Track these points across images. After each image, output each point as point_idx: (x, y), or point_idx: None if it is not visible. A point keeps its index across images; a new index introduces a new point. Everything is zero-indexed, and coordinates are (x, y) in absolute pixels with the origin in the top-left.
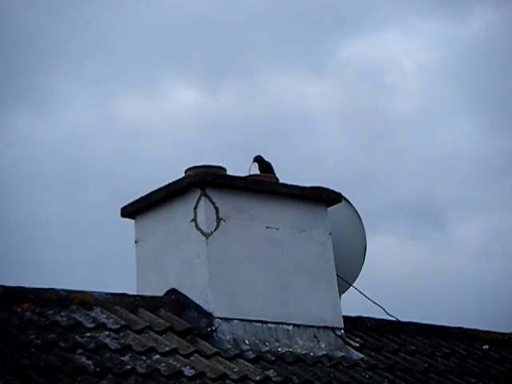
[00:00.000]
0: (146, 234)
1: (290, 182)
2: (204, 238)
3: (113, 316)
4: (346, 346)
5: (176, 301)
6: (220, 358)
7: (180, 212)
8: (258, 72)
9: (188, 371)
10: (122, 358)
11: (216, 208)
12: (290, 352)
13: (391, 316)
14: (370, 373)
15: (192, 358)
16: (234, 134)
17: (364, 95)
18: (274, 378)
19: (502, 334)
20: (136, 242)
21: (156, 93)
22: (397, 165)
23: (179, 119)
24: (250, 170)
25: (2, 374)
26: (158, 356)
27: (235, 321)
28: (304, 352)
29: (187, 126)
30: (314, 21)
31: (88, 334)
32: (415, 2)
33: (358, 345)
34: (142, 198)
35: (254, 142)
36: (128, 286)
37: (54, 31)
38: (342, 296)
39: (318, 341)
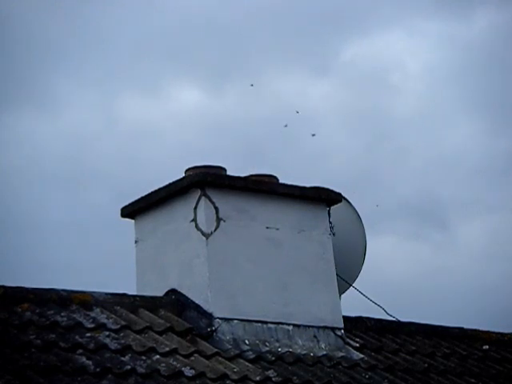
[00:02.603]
0: (146, 233)
1: (290, 182)
2: (204, 238)
3: (113, 316)
4: (346, 346)
5: (176, 301)
6: (220, 358)
7: (180, 212)
8: (261, 72)
9: (188, 371)
10: (122, 358)
11: (216, 208)
12: (290, 352)
13: (391, 316)
14: (370, 373)
15: (192, 358)
16: (236, 134)
17: (367, 95)
18: (274, 379)
19: (502, 334)
20: (136, 241)
21: (158, 93)
22: (399, 165)
23: (181, 119)
24: None
25: (2, 374)
26: (158, 356)
27: (235, 321)
28: (304, 352)
29: (189, 126)
30: (317, 21)
31: (88, 334)
32: (419, 2)
33: (358, 345)
34: (142, 198)
35: (256, 142)
36: (128, 286)
37: (54, 31)
38: (342, 296)
39: (318, 341)
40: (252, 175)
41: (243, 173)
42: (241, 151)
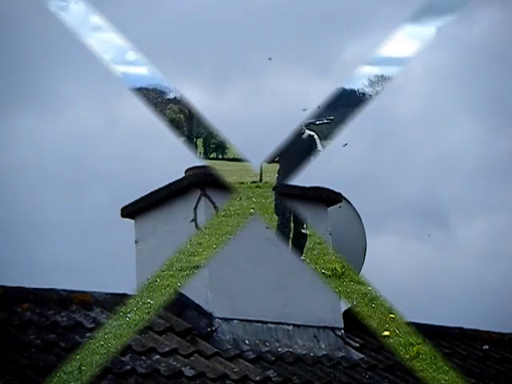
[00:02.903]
0: (146, 233)
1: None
2: None
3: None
4: (346, 346)
5: (176, 301)
6: (220, 358)
7: (180, 212)
8: (262, 72)
9: (188, 371)
10: (122, 359)
11: (216, 208)
12: (290, 352)
13: None
14: (370, 373)
15: (192, 358)
16: (237, 133)
17: None
18: (273, 379)
19: (502, 334)
20: (136, 241)
21: None
22: (399, 165)
23: None
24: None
25: (2, 373)
26: (158, 356)
27: (235, 321)
28: (304, 352)
29: None
30: (318, 21)
31: (88, 334)
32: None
33: (358, 345)
34: (142, 198)
35: (257, 142)
36: (128, 286)
37: (54, 31)
38: None
39: (318, 341)
40: None
41: None
42: (241, 151)
